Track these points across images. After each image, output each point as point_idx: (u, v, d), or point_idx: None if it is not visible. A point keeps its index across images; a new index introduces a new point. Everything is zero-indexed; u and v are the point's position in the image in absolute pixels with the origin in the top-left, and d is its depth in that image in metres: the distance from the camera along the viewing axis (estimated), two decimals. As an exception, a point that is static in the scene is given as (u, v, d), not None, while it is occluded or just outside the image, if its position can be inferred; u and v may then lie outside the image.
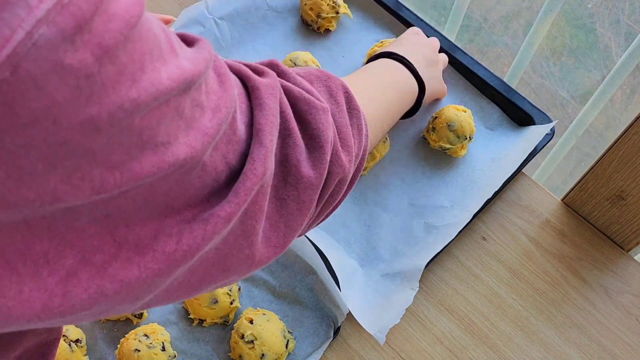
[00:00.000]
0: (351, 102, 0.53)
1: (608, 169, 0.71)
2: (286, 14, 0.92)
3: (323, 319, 0.72)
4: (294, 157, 0.44)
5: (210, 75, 0.38)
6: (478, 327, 0.74)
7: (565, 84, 1.50)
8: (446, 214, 0.77)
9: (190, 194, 0.37)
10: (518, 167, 0.79)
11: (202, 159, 0.36)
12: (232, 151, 0.40)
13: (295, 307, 0.73)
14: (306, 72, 0.53)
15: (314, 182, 0.45)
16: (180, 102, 0.34)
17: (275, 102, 0.43)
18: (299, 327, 0.72)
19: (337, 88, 0.53)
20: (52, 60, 0.27)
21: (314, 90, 0.49)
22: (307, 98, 0.46)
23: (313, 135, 0.46)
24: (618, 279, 0.77)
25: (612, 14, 1.50)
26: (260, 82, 0.44)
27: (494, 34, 1.54)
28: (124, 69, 0.30)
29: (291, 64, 0.83)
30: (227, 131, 0.39)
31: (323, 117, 0.46)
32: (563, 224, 0.80)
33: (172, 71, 0.33)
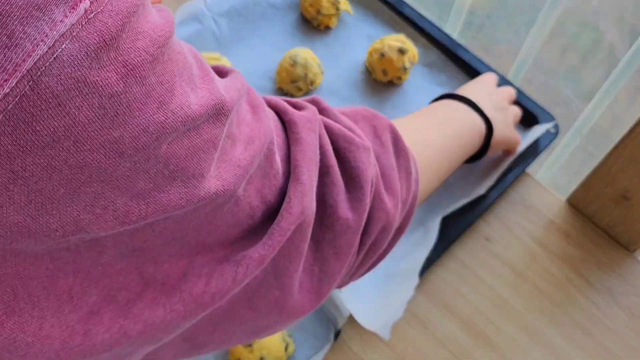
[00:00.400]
0: (398, 143, 0.50)
1: (613, 168, 0.71)
2: (286, 10, 0.91)
3: (323, 321, 0.71)
4: (331, 196, 0.42)
5: (243, 107, 0.37)
6: (481, 330, 0.73)
7: (569, 82, 1.49)
8: (444, 214, 0.76)
9: (222, 231, 0.35)
10: (518, 165, 0.78)
11: (235, 194, 0.35)
12: (268, 186, 0.38)
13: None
14: (351, 111, 0.51)
15: (352, 225, 0.42)
16: (211, 132, 0.32)
17: (314, 137, 0.41)
18: (299, 330, 0.71)
19: (384, 128, 0.50)
20: (74, 77, 0.26)
21: (357, 128, 0.47)
22: (347, 135, 0.44)
23: (352, 175, 0.43)
24: (623, 280, 0.76)
25: (616, 12, 1.49)
26: (298, 115, 0.42)
27: (497, 31, 1.53)
28: (151, 91, 0.29)
29: (291, 61, 0.82)
30: (263, 164, 0.37)
31: (364, 156, 0.44)
32: (567, 225, 0.79)
33: (204, 97, 0.32)
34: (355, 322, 0.70)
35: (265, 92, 0.85)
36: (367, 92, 0.85)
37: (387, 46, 0.82)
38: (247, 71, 0.86)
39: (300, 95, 0.84)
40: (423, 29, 0.88)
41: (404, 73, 0.84)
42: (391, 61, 0.82)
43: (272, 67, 0.87)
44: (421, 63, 0.87)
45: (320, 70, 0.83)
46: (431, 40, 0.88)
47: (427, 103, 0.84)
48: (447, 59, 0.87)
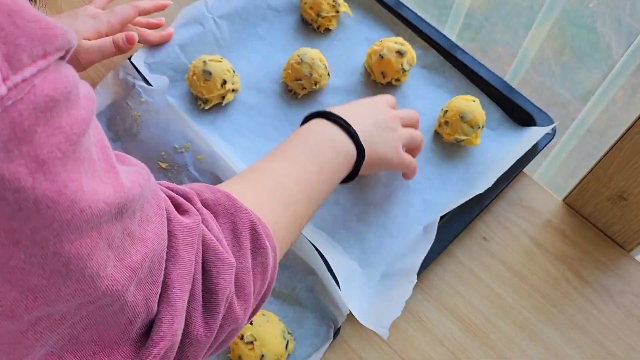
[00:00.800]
0: (257, 241, 0.49)
1: (610, 168, 0.71)
2: (286, 12, 0.92)
3: (323, 319, 0.72)
4: (188, 310, 0.41)
5: (148, 205, 0.36)
6: (479, 328, 0.73)
7: (566, 83, 1.49)
8: (444, 215, 0.76)
9: (99, 329, 0.35)
10: (516, 166, 0.78)
11: (123, 296, 0.34)
12: (155, 294, 0.37)
13: (295, 307, 0.72)
14: (213, 200, 0.49)
15: (201, 340, 0.42)
16: (111, 230, 0.32)
17: (192, 252, 0.41)
18: (299, 328, 0.72)
19: (244, 226, 0.48)
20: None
21: (224, 239, 0.46)
22: (216, 248, 0.44)
23: (212, 290, 0.43)
24: (619, 279, 0.76)
25: (613, 13, 1.50)
26: (180, 227, 0.41)
27: (495, 33, 1.54)
28: (62, 188, 0.28)
29: (298, 59, 0.83)
30: (154, 270, 0.37)
31: (227, 273, 0.44)
32: (564, 224, 0.79)
33: (108, 195, 0.31)
34: (355, 320, 0.71)
35: (266, 93, 0.86)
36: (366, 93, 0.86)
37: (386, 48, 0.83)
38: (247, 73, 0.87)
39: (303, 93, 0.85)
40: (422, 31, 0.88)
41: (403, 75, 0.84)
42: (390, 63, 0.83)
43: (272, 69, 0.87)
44: (420, 65, 0.88)
45: (326, 72, 0.84)
46: (430, 42, 0.88)
47: (426, 104, 0.85)
48: (446, 61, 0.87)
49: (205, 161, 0.78)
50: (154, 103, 0.81)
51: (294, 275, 0.73)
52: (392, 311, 0.69)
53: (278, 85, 0.86)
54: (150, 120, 0.81)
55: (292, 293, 0.73)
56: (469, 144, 0.81)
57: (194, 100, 0.84)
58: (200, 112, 0.84)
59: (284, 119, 0.83)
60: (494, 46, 1.54)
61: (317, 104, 0.85)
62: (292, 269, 0.73)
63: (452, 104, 0.80)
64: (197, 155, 0.79)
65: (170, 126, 0.80)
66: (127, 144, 0.81)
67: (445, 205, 0.77)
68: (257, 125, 0.82)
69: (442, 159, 0.81)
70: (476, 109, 0.79)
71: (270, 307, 0.72)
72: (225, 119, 0.84)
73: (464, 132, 0.79)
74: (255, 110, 0.84)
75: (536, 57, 1.31)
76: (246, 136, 0.83)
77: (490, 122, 0.84)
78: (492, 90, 0.85)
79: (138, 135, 0.81)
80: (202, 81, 0.81)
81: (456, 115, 0.78)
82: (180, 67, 0.86)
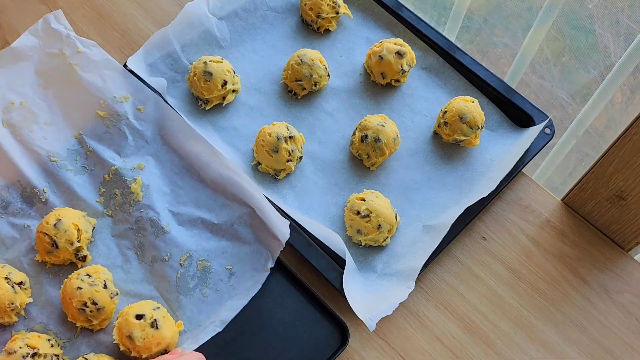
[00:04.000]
0: None
1: (608, 169, 0.71)
2: (286, 14, 0.92)
3: (261, 253, 0.74)
4: None
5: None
6: (478, 327, 0.74)
7: (565, 84, 1.49)
8: (443, 215, 0.77)
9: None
10: (514, 166, 0.79)
11: None
12: None
13: (234, 242, 0.75)
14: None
15: None
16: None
17: None
18: (238, 262, 0.74)
19: None
20: None
21: None
22: None
23: None
24: (618, 278, 0.76)
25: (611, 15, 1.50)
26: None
27: (494, 34, 1.54)
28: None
29: (298, 60, 0.83)
30: None
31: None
32: (563, 224, 0.80)
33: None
34: (355, 320, 0.71)
35: (266, 94, 0.86)
36: (365, 94, 0.86)
37: (386, 49, 0.84)
38: (248, 74, 0.87)
39: (303, 94, 0.85)
40: (421, 32, 0.89)
41: (402, 76, 0.85)
42: (390, 64, 0.83)
43: (272, 70, 0.88)
44: (419, 66, 0.88)
45: (326, 72, 0.84)
46: (429, 44, 0.89)
47: (425, 105, 0.85)
48: (445, 62, 0.88)
49: (145, 112, 0.81)
50: (93, 54, 0.83)
51: (232, 212, 0.76)
52: (383, 309, 0.70)
53: (278, 86, 0.87)
54: (88, 69, 0.83)
55: (231, 229, 0.76)
56: (468, 144, 0.81)
57: (194, 101, 0.85)
58: (200, 112, 0.84)
59: (284, 120, 0.84)
60: (493, 47, 1.55)
61: (317, 104, 0.85)
62: (231, 207, 0.76)
63: (451, 104, 0.81)
64: (137, 106, 0.81)
65: (110, 77, 0.82)
66: (63, 91, 0.83)
67: (447, 206, 0.78)
68: (258, 126, 0.82)
69: (442, 160, 0.82)
70: (475, 110, 0.80)
71: (209, 243, 0.75)
72: (225, 120, 0.84)
73: (463, 132, 0.79)
74: (256, 110, 0.85)
75: (535, 58, 1.32)
76: (246, 137, 0.83)
77: (490, 122, 0.84)
78: (491, 91, 0.85)
79: (74, 83, 0.82)
80: (202, 82, 0.82)
81: (455, 116, 0.79)
82: (180, 67, 0.86)
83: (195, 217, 0.77)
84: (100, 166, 0.79)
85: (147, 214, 0.76)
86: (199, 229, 0.76)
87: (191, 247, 0.75)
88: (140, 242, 0.76)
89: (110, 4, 0.95)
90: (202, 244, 0.75)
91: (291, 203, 0.79)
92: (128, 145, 0.80)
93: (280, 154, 0.77)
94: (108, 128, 0.81)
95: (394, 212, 0.75)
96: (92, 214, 0.78)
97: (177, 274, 0.74)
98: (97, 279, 0.71)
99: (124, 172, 0.79)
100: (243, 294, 0.72)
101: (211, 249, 0.75)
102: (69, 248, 0.73)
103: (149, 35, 0.90)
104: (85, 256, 0.74)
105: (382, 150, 0.78)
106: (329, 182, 0.80)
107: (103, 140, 0.81)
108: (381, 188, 0.79)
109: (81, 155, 0.80)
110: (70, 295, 0.69)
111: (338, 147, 0.83)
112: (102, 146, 0.80)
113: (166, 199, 0.78)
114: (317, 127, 0.84)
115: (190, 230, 0.76)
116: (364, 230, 0.74)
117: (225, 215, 0.76)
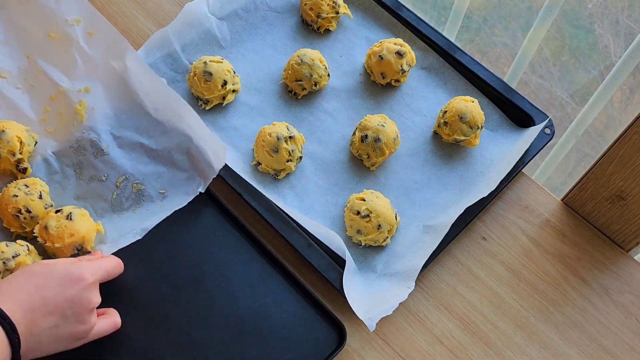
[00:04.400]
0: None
1: (608, 169, 0.71)
2: (286, 14, 0.92)
3: (195, 179, 0.78)
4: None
5: None
6: (478, 327, 0.74)
7: (564, 84, 1.50)
8: (443, 215, 0.77)
9: None
10: (514, 166, 0.79)
11: None
12: None
13: (171, 169, 0.79)
14: None
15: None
16: None
17: None
18: (172, 187, 0.78)
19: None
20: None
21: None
22: None
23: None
24: (618, 279, 0.77)
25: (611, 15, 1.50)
26: None
27: (493, 34, 1.54)
28: None
29: (298, 60, 0.83)
30: None
31: None
32: (563, 224, 0.80)
33: None
34: (354, 320, 0.71)
35: (266, 94, 0.86)
36: (365, 94, 0.86)
37: (386, 49, 0.84)
38: (248, 74, 0.87)
39: (303, 94, 0.85)
40: (421, 32, 0.89)
41: (402, 76, 0.85)
42: (389, 64, 0.83)
43: (273, 70, 0.88)
44: (419, 66, 0.88)
45: (326, 72, 0.84)
46: (429, 43, 0.89)
47: (425, 105, 0.85)
48: (445, 62, 0.88)
49: (96, 37, 0.82)
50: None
51: (171, 140, 0.80)
52: (383, 309, 0.70)
53: (278, 86, 0.87)
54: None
55: (168, 155, 0.79)
56: (468, 144, 0.81)
57: (194, 101, 0.85)
58: (200, 112, 0.84)
59: (284, 120, 0.84)
60: (493, 47, 1.55)
61: (317, 104, 0.85)
62: (170, 133, 0.80)
63: (451, 104, 0.81)
64: (88, 31, 0.83)
65: (63, 0, 0.83)
66: (17, 12, 0.84)
67: (447, 206, 0.78)
68: (258, 126, 0.82)
69: (442, 159, 0.82)
70: (475, 110, 0.80)
71: (146, 167, 0.79)
72: (225, 120, 0.84)
73: (463, 132, 0.79)
74: (256, 110, 0.85)
75: (535, 58, 1.32)
76: (246, 137, 0.83)
77: (489, 122, 0.84)
78: (491, 91, 0.85)
79: (29, 3, 0.84)
80: (202, 82, 0.82)
81: (455, 116, 0.79)
82: (180, 67, 0.86)
83: (135, 141, 0.80)
84: (48, 86, 0.83)
85: (88, 135, 0.80)
86: (138, 153, 0.80)
87: (128, 170, 0.79)
88: (79, 160, 0.80)
89: (110, 4, 0.95)
90: (139, 168, 0.79)
91: (291, 203, 0.79)
92: (77, 69, 0.83)
93: (280, 154, 0.77)
94: (58, 50, 0.83)
95: (394, 212, 0.75)
96: (36, 130, 0.81)
97: (113, 195, 0.78)
98: (33, 189, 0.75)
99: (70, 93, 0.82)
100: (168, 210, 0.76)
101: (147, 173, 0.79)
102: (11, 159, 0.76)
103: (149, 35, 0.90)
104: (25, 168, 0.78)
105: (382, 150, 0.78)
106: (329, 182, 0.80)
107: (53, 62, 0.84)
108: (381, 188, 0.79)
109: (31, 75, 0.83)
110: (6, 202, 0.73)
111: (338, 147, 0.83)
112: (52, 67, 0.83)
113: (109, 122, 0.81)
114: (317, 127, 0.84)
115: (129, 154, 0.80)
116: (364, 230, 0.74)
117: (164, 142, 0.80)
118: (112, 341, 0.69)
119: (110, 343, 0.69)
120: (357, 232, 0.74)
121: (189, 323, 0.72)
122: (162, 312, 0.72)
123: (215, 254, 0.76)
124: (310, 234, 0.76)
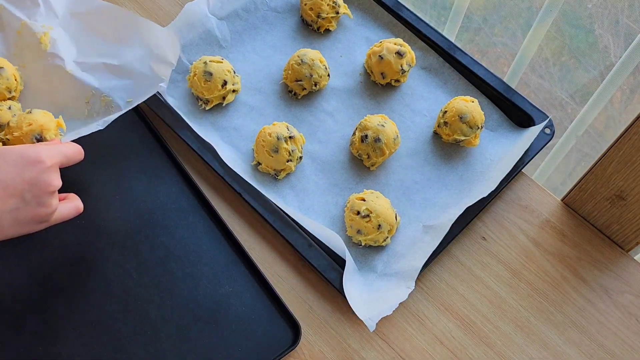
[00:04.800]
0: None
1: (608, 169, 0.71)
2: (286, 14, 0.92)
3: (158, 79, 0.80)
4: None
5: None
6: (478, 327, 0.74)
7: (564, 84, 1.50)
8: (443, 215, 0.77)
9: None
10: (514, 166, 0.79)
11: None
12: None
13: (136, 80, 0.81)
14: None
15: None
16: None
17: None
18: (138, 95, 0.80)
19: None
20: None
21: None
22: None
23: None
24: (618, 279, 0.77)
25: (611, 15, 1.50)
26: None
27: (493, 34, 1.54)
28: None
29: (298, 60, 0.83)
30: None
31: None
32: (563, 224, 0.80)
33: None
34: (354, 320, 0.71)
35: (266, 94, 0.86)
36: (365, 94, 0.86)
37: (386, 49, 0.84)
38: (248, 74, 0.87)
39: (303, 94, 0.85)
40: (421, 32, 0.89)
41: (402, 76, 0.85)
42: (389, 64, 0.83)
43: (273, 70, 0.88)
44: (419, 66, 0.88)
45: (326, 73, 0.85)
46: (429, 43, 0.89)
47: (425, 105, 0.85)
48: (445, 62, 0.88)
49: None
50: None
51: (132, 54, 0.82)
52: (383, 309, 0.70)
53: (278, 86, 0.87)
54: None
55: (131, 67, 0.82)
56: (468, 144, 0.81)
57: (194, 101, 0.85)
58: (201, 112, 0.84)
59: (284, 120, 0.84)
60: (493, 47, 1.55)
61: (317, 104, 0.85)
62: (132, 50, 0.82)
63: (451, 104, 0.81)
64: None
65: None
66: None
67: (448, 206, 0.78)
68: (258, 126, 0.82)
69: (441, 159, 0.82)
70: (475, 110, 0.80)
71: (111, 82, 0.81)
72: (225, 120, 0.84)
73: (463, 132, 0.80)
74: (256, 110, 0.85)
75: (535, 58, 1.32)
76: (247, 137, 0.83)
77: (489, 122, 0.84)
78: (491, 91, 0.85)
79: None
80: (202, 82, 0.82)
81: (455, 116, 0.79)
82: (181, 67, 0.87)
83: (99, 62, 0.83)
84: (13, 21, 0.85)
85: (53, 61, 0.83)
86: (102, 72, 0.82)
87: (94, 85, 0.81)
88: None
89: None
90: (104, 83, 0.82)
91: (291, 203, 0.79)
92: (39, 13, 0.85)
93: (281, 154, 0.77)
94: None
95: (394, 212, 0.75)
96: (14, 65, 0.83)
97: (85, 113, 0.81)
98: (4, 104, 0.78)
99: (33, 27, 0.84)
100: (131, 106, 0.79)
101: (113, 87, 0.81)
102: (6, 95, 0.80)
103: (149, 35, 0.90)
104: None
105: (382, 150, 0.78)
106: (329, 182, 0.80)
107: (15, 4, 0.86)
108: (381, 188, 0.80)
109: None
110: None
111: (338, 147, 0.83)
112: (15, 8, 0.85)
113: (71, 54, 0.83)
114: (317, 127, 0.84)
115: (94, 75, 0.82)
116: (364, 230, 0.74)
117: (126, 57, 0.82)
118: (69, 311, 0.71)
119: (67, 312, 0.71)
120: (357, 232, 0.74)
121: (149, 302, 0.73)
122: (124, 288, 0.73)
123: (185, 240, 0.77)
124: (310, 234, 0.76)
